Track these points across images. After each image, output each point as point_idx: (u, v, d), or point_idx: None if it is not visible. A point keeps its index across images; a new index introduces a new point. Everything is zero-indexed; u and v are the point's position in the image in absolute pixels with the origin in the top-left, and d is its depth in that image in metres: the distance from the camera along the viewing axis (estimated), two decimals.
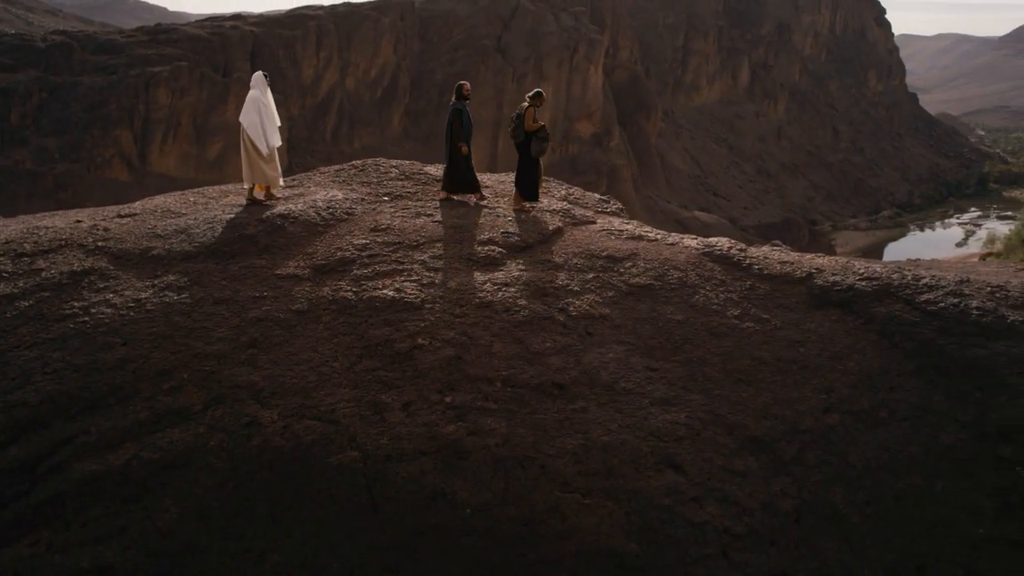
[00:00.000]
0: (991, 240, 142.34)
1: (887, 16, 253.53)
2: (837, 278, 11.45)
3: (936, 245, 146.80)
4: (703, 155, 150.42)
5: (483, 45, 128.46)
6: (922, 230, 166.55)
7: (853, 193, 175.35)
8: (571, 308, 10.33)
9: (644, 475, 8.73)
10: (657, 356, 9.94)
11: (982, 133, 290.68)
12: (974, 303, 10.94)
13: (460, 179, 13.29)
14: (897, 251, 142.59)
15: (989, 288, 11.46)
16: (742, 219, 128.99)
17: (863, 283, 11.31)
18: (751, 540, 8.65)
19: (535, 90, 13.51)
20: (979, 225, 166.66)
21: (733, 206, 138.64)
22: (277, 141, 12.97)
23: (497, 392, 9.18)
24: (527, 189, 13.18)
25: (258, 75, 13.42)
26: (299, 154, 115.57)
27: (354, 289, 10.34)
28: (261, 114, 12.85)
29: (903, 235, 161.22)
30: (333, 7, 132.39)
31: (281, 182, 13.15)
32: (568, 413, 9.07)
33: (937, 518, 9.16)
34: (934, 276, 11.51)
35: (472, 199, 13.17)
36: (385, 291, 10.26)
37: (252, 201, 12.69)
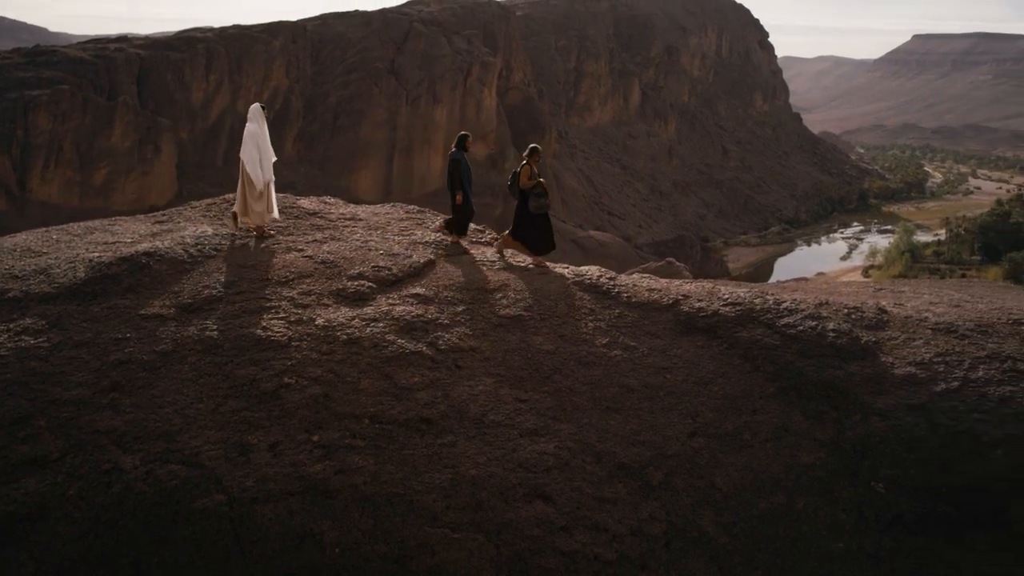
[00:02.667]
0: (873, 253, 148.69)
1: (770, 39, 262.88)
2: (702, 304, 11.78)
3: (822, 259, 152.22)
4: (597, 175, 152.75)
5: (376, 68, 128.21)
6: (809, 245, 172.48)
7: (743, 210, 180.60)
8: (440, 342, 10.36)
9: (513, 507, 8.79)
10: (526, 387, 10.05)
11: (861, 151, 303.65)
12: (831, 325, 11.39)
13: (458, 221, 13.56)
14: (786, 265, 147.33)
15: (846, 310, 11.95)
16: (636, 237, 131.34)
17: (727, 309, 11.66)
18: (622, 566, 8.79)
19: (531, 146, 13.62)
20: (861, 239, 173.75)
21: (627, 224, 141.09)
22: (271, 175, 13.00)
23: (364, 429, 9.13)
24: (540, 245, 13.20)
25: (255, 108, 13.35)
26: (189, 179, 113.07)
27: (220, 328, 10.17)
28: (260, 149, 12.92)
29: (791, 250, 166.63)
30: (223, 29, 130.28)
31: (276, 214, 13.20)
32: (436, 448, 9.08)
33: (799, 534, 9.45)
34: (794, 300, 11.94)
35: (452, 238, 13.40)
36: (252, 329, 10.12)
37: (235, 223, 12.81)
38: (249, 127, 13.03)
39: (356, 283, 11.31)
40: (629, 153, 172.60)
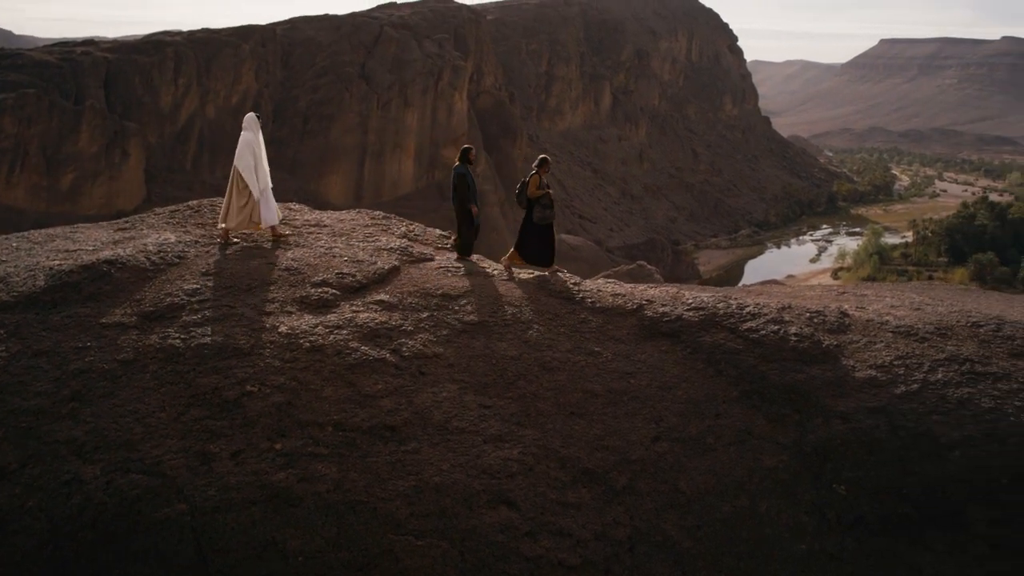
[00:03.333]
0: (842, 255, 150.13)
1: (739, 43, 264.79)
2: (666, 309, 11.85)
3: (792, 261, 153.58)
4: (568, 178, 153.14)
5: (347, 72, 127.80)
6: (779, 247, 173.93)
7: (713, 213, 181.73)
8: (404, 349, 10.35)
9: (477, 513, 8.80)
10: (491, 393, 10.06)
11: (830, 154, 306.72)
12: (793, 329, 11.50)
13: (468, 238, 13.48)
14: (756, 268, 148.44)
15: (808, 314, 12.06)
16: (608, 241, 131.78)
17: (690, 313, 11.74)
18: (586, 571, 8.81)
19: (540, 156, 13.58)
20: (830, 241, 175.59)
21: (599, 228, 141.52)
22: (267, 183, 13.06)
23: (328, 437, 9.11)
24: (539, 257, 13.21)
25: (251, 116, 13.35)
26: (158, 184, 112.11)
27: (182, 336, 10.10)
28: (256, 157, 12.94)
29: (761, 252, 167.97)
30: (191, 33, 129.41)
31: (279, 215, 13.29)
32: (400, 455, 9.07)
33: (763, 537, 9.52)
34: (757, 304, 12.04)
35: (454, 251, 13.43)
36: (214, 337, 10.06)
37: (226, 241, 12.78)
38: (244, 135, 13.03)
39: (320, 290, 11.27)
40: (600, 157, 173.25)
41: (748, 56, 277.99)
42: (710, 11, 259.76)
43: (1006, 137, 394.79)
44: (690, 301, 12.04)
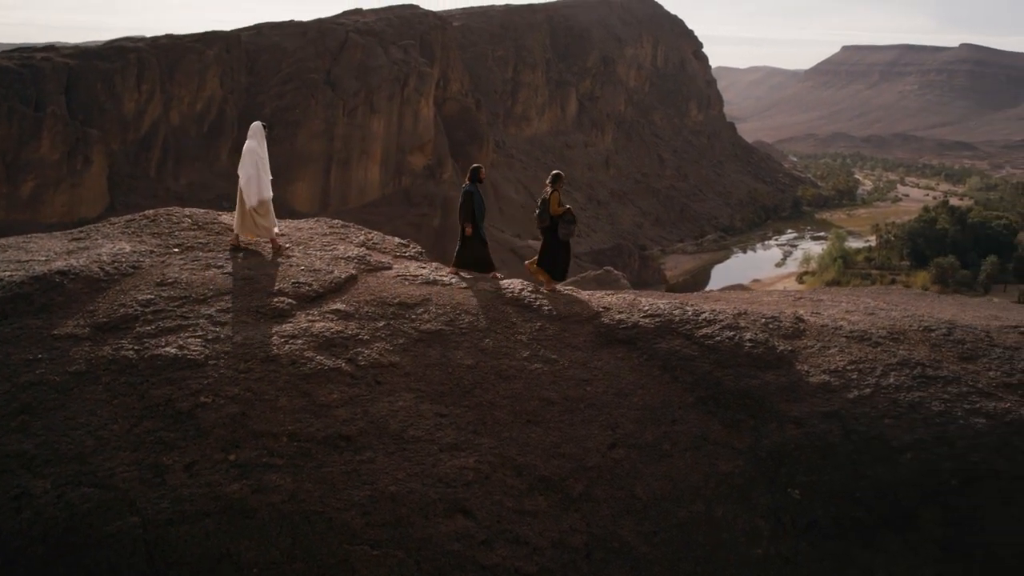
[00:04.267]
0: (807, 260, 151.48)
1: (704, 50, 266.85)
2: (623, 316, 11.92)
3: (758, 266, 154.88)
4: (535, 185, 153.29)
5: (312, 78, 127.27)
6: (745, 252, 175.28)
7: (679, 218, 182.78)
8: (360, 358, 10.32)
9: (433, 522, 8.80)
10: (447, 402, 10.06)
11: (794, 159, 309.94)
12: (748, 335, 11.62)
13: (470, 257, 13.49)
14: (722, 272, 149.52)
15: (763, 319, 12.19)
16: (575, 246, 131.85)
17: (646, 320, 11.82)
18: None
19: (554, 172, 13.74)
20: (795, 246, 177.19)
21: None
22: (269, 193, 13.02)
23: (283, 447, 9.06)
24: (558, 271, 13.41)
25: (256, 125, 13.36)
26: (121, 191, 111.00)
27: (136, 347, 10.00)
28: (258, 167, 12.94)
29: (728, 257, 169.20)
30: (155, 39, 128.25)
31: (276, 230, 13.28)
32: (355, 464, 9.05)
33: (719, 542, 9.60)
34: (713, 311, 12.15)
35: (489, 277, 13.33)
36: (168, 348, 9.97)
37: (236, 247, 12.91)
38: (249, 144, 13.07)
39: (276, 299, 11.21)
40: (566, 162, 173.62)
41: (713, 62, 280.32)
42: (675, 18, 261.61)
43: (965, 142, 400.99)
44: (646, 308, 12.13)
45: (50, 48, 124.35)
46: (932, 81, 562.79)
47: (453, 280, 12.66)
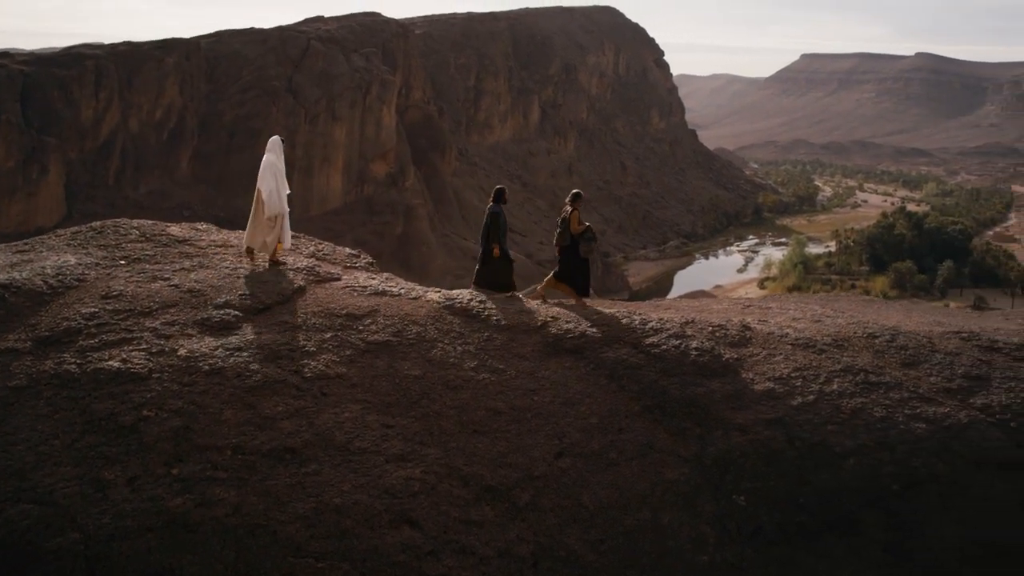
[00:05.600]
0: (768, 265, 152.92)
1: (666, 57, 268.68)
2: (570, 326, 12.00)
3: (720, 272, 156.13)
4: None
5: (273, 86, 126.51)
6: (707, 258, 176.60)
7: (642, 225, 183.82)
8: (306, 369, 10.30)
9: (379, 533, 8.79)
10: (394, 413, 10.06)
11: (755, 166, 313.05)
12: (694, 344, 11.74)
13: (491, 276, 13.66)
14: (685, 279, 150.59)
15: (710, 328, 12.33)
16: (538, 254, 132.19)
17: (594, 330, 11.90)
18: None
19: (574, 191, 14.14)
20: (757, 252, 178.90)
21: (529, 241, 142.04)
22: (285, 208, 13.18)
23: (227, 461, 9.01)
24: (582, 287, 13.68)
25: (275, 140, 13.49)
26: (79, 200, 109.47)
27: (79, 361, 9.90)
28: (277, 180, 13.09)
29: (690, 263, 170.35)
30: (113, 46, 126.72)
31: (288, 245, 13.56)
32: (300, 477, 9.02)
33: (665, 549, 9.67)
34: (661, 320, 12.27)
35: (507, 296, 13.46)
36: (111, 362, 9.87)
37: (251, 261, 13.06)
38: (268, 157, 13.15)
39: (222, 312, 11.15)
40: (529, 170, 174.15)
41: (675, 70, 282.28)
42: (637, 26, 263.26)
43: (921, 149, 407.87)
44: (594, 317, 12.22)
45: (5, 55, 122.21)
46: (889, 89, 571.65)
47: (401, 291, 12.67)
